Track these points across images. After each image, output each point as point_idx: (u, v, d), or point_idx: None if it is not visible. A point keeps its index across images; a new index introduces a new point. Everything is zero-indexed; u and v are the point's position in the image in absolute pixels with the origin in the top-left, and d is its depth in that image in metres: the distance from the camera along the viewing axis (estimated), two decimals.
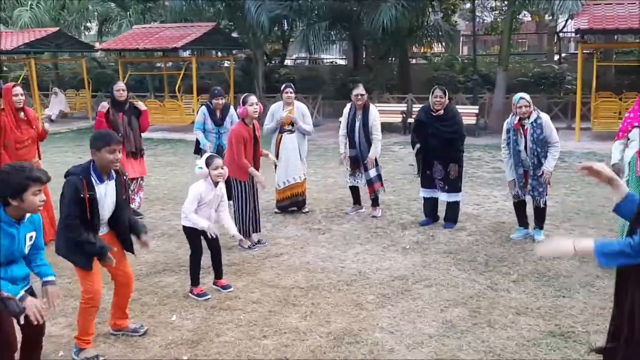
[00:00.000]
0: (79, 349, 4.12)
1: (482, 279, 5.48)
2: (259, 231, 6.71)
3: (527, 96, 6.26)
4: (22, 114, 6.47)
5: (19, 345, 3.54)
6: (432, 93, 6.94)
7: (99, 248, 3.95)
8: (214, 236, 5.08)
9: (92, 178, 3.94)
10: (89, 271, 4.03)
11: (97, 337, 4.37)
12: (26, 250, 3.44)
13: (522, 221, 6.66)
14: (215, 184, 5.12)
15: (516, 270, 5.67)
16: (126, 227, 4.25)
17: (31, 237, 3.41)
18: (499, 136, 6.71)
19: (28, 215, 3.39)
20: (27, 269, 3.50)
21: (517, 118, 6.26)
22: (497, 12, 25.71)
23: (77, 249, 3.97)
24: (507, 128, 6.41)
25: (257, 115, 6.52)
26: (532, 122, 6.19)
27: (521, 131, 6.26)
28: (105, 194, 4.03)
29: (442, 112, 6.88)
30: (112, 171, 4.08)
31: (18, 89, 6.41)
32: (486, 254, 6.14)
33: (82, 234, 3.88)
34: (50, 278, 3.52)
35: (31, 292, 3.47)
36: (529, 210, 6.60)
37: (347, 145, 7.64)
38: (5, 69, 26.10)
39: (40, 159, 6.73)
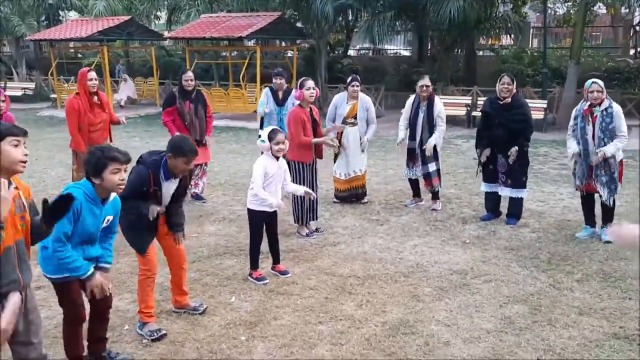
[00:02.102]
0: (142, 323, 4.30)
1: (544, 276, 5.34)
2: (317, 219, 6.76)
3: (600, 82, 6.01)
4: (95, 98, 6.75)
5: (87, 318, 3.73)
6: (500, 80, 6.73)
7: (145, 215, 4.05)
8: (284, 211, 5.21)
9: (160, 174, 4.12)
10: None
11: (160, 313, 4.55)
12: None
13: (589, 219, 6.43)
14: (277, 158, 5.20)
15: (580, 269, 5.50)
16: (173, 210, 4.34)
17: (108, 220, 3.58)
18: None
19: (112, 198, 3.57)
20: (100, 250, 3.65)
21: (588, 104, 6.04)
22: (570, 3, 24.76)
23: (133, 229, 4.15)
24: (575, 115, 6.20)
25: (313, 99, 6.57)
26: (602, 110, 5.96)
27: (589, 118, 6.02)
28: (169, 188, 4.21)
29: (509, 100, 6.65)
30: None
31: (92, 74, 6.70)
32: (549, 252, 5.97)
33: (135, 204, 4.02)
34: (105, 265, 3.65)
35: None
36: (597, 208, 6.37)
37: (407, 136, 7.56)
38: (79, 55, 27.23)
39: (112, 142, 7.01)
